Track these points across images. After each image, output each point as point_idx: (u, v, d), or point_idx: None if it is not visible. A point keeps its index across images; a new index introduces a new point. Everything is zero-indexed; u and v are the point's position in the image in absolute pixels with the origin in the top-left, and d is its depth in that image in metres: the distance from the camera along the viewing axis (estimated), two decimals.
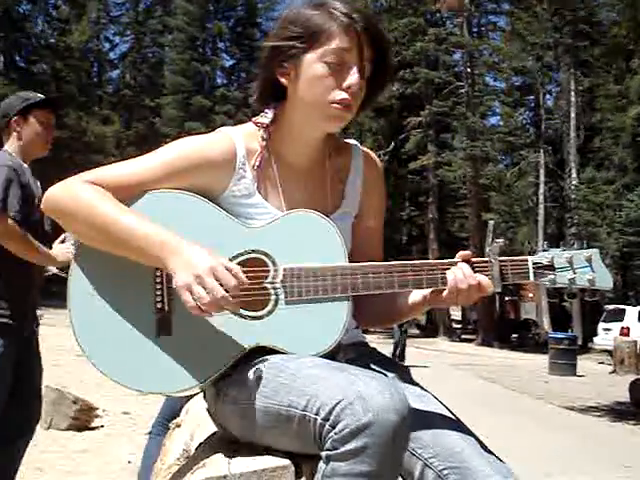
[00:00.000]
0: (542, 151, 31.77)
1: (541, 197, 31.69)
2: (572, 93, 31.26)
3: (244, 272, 1.50)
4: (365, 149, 1.83)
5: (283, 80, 1.63)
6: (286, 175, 1.69)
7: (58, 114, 3.72)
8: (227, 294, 1.42)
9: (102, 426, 7.03)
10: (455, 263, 1.60)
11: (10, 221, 3.17)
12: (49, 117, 3.56)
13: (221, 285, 1.42)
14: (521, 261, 1.61)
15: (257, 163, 1.67)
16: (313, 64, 1.59)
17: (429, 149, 34.56)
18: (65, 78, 35.48)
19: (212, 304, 1.42)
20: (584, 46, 30.82)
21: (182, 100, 39.93)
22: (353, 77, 1.59)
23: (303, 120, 1.66)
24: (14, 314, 3.31)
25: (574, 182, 30.33)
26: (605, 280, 1.61)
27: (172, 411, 3.73)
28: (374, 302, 1.73)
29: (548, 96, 35.89)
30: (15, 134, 3.46)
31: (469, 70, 33.79)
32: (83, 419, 6.80)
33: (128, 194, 1.58)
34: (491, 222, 1.77)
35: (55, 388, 6.72)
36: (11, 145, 3.46)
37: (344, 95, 1.59)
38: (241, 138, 1.67)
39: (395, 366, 1.73)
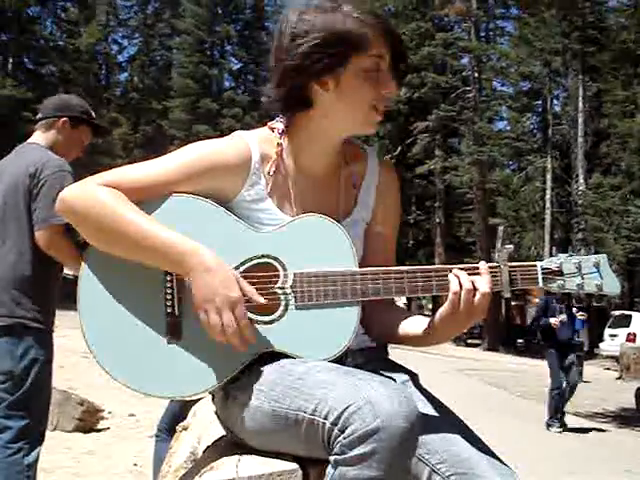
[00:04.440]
0: (549, 156, 31.70)
1: (548, 202, 31.62)
2: (580, 98, 31.18)
3: (254, 277, 1.54)
4: (381, 156, 1.83)
5: (319, 90, 1.61)
6: (299, 181, 1.69)
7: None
8: (236, 329, 1.48)
9: (108, 428, 7.04)
10: (464, 268, 1.57)
11: (61, 234, 3.13)
12: (89, 139, 3.58)
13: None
14: (530, 266, 1.61)
15: (271, 169, 1.67)
16: (357, 74, 1.59)
17: (436, 154, 34.54)
18: (73, 80, 35.49)
19: (222, 336, 1.49)
20: (592, 52, 30.73)
21: (190, 103, 40.01)
22: (394, 84, 1.62)
23: (337, 126, 1.66)
24: (50, 320, 3.32)
25: (581, 187, 30.25)
26: (613, 286, 1.61)
27: (177, 414, 3.74)
28: (381, 315, 1.72)
29: (556, 101, 35.82)
30: (55, 132, 3.41)
31: (477, 75, 33.76)
32: (89, 421, 6.81)
33: (142, 196, 1.58)
34: (500, 228, 1.77)
35: (61, 390, 6.73)
36: (45, 140, 3.41)
37: (383, 102, 1.62)
38: (256, 143, 1.68)
39: (403, 371, 1.73)
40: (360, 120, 1.65)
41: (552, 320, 9.05)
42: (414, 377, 1.72)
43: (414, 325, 1.68)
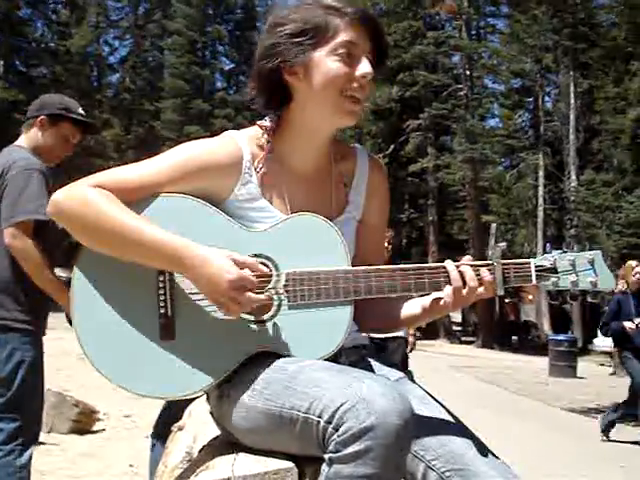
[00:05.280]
0: (541, 153, 31.75)
1: (540, 199, 31.66)
2: (571, 95, 31.23)
3: None
4: (370, 154, 1.83)
5: (291, 80, 1.63)
6: (291, 179, 1.69)
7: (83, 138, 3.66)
8: (255, 297, 1.51)
9: (103, 429, 7.02)
10: (458, 266, 1.60)
11: (24, 233, 3.12)
12: (75, 135, 3.53)
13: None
14: (523, 264, 1.61)
15: (262, 167, 1.68)
16: (324, 59, 1.60)
17: (428, 152, 34.49)
18: (65, 82, 35.38)
19: (247, 309, 1.53)
20: (583, 48, 30.81)
21: (182, 104, 39.92)
22: (366, 66, 1.61)
23: (315, 119, 1.66)
24: (37, 320, 3.31)
25: (573, 184, 30.31)
26: (607, 281, 1.61)
27: (172, 414, 3.74)
28: (374, 307, 1.73)
29: (547, 98, 35.85)
30: (35, 132, 3.40)
31: (468, 73, 33.77)
32: (84, 422, 6.79)
33: (134, 197, 1.58)
34: (493, 225, 1.78)
35: (56, 391, 6.72)
36: (28, 141, 3.40)
37: (358, 88, 1.61)
38: (246, 142, 1.68)
39: (397, 369, 1.74)
40: (333, 107, 1.63)
41: (627, 324, 7.94)
42: (408, 374, 1.73)
43: (406, 309, 1.73)
